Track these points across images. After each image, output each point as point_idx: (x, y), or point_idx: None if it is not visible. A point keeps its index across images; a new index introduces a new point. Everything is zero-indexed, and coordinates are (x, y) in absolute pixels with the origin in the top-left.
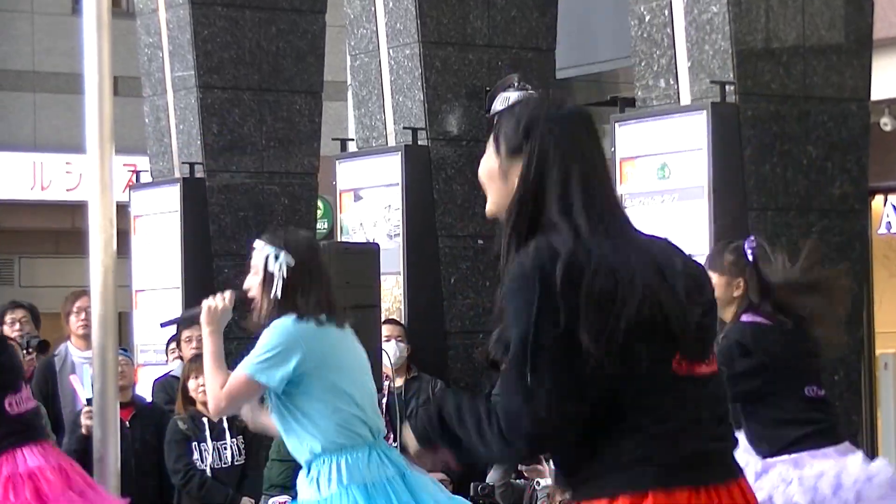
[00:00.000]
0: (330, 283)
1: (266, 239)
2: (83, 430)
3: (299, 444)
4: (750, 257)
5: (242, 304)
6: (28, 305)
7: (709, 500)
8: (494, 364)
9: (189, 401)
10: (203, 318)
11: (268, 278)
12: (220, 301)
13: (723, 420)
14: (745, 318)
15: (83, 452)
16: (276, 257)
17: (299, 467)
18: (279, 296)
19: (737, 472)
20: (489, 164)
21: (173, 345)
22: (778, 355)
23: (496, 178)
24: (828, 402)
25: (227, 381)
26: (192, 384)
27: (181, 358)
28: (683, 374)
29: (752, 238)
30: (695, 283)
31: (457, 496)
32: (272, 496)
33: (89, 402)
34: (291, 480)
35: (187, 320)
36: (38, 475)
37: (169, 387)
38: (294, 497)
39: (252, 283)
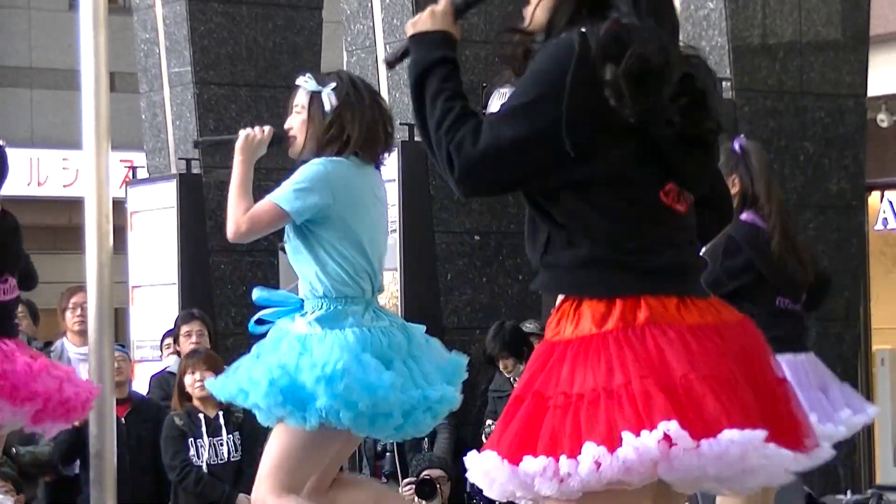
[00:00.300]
0: (374, 121)
1: (311, 77)
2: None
3: (303, 278)
4: (739, 151)
5: (280, 140)
6: (26, 301)
7: (694, 307)
8: (491, 360)
9: (185, 397)
10: (238, 144)
11: (311, 115)
12: (258, 132)
13: (693, 243)
14: (743, 216)
15: (74, 445)
16: (320, 94)
17: None
18: (321, 134)
19: (708, 292)
20: None
21: (168, 340)
22: (765, 258)
23: None
24: (797, 316)
25: (252, 207)
26: (188, 379)
27: (177, 353)
28: (667, 203)
29: (742, 136)
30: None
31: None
32: None
33: None
34: None
35: (222, 143)
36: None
37: (165, 383)
38: None
39: (294, 122)
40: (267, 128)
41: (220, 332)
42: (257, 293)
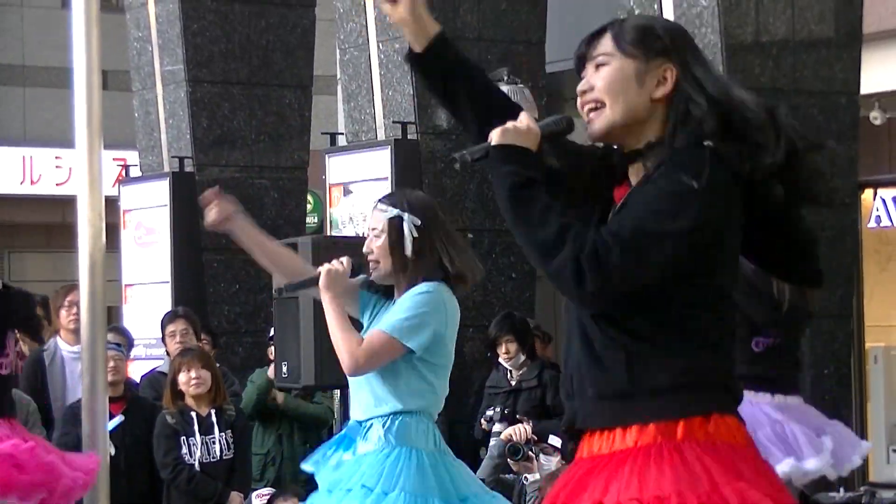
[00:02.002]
0: (458, 244)
1: (388, 201)
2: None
3: (388, 395)
4: None
5: (360, 268)
6: (41, 298)
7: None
8: (493, 345)
9: (177, 395)
10: (322, 283)
11: (394, 240)
12: (337, 265)
13: None
14: None
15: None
16: (402, 218)
17: (269, 461)
18: (409, 256)
19: None
20: (622, 72)
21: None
22: (758, 303)
23: (631, 84)
24: (780, 352)
25: (367, 339)
26: (182, 377)
27: (167, 353)
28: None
29: None
30: None
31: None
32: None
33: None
34: (258, 473)
35: (305, 285)
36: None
37: (156, 382)
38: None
39: (373, 246)
40: (345, 259)
41: (212, 330)
42: (312, 467)
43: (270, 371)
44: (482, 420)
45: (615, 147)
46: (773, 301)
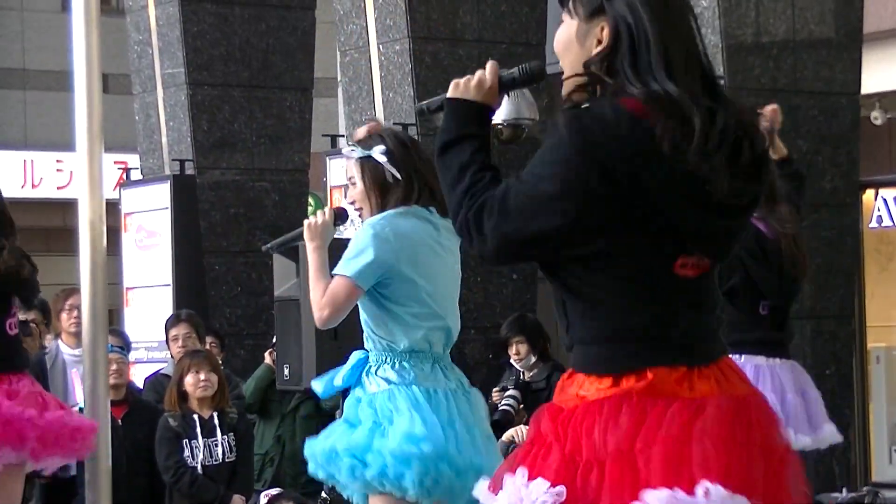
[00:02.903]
0: (430, 168)
1: (355, 145)
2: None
3: (367, 331)
4: None
5: (343, 215)
6: (39, 303)
7: (700, 377)
8: (504, 344)
9: (181, 397)
10: (305, 235)
11: (369, 180)
12: (319, 217)
13: (705, 305)
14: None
15: None
16: (369, 156)
17: (267, 461)
18: (380, 192)
19: (721, 350)
20: (566, 32)
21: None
22: (764, 267)
23: (573, 44)
24: (778, 320)
25: (328, 288)
26: (190, 379)
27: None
28: (681, 274)
29: None
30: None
31: None
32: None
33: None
34: (256, 473)
35: (289, 241)
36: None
37: (160, 385)
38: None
39: (354, 195)
40: (326, 209)
41: (218, 333)
42: (317, 385)
43: (268, 358)
44: (494, 392)
45: None
46: (780, 268)
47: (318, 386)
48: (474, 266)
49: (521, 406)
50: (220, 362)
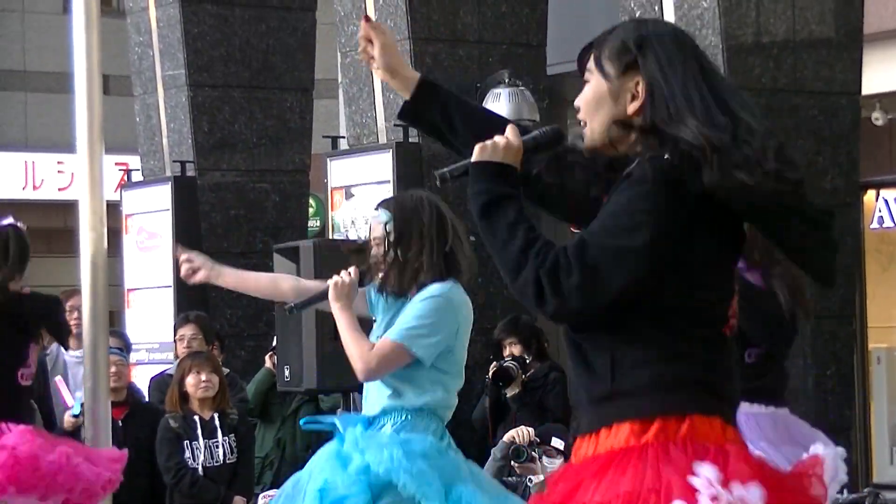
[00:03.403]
0: (461, 237)
1: (381, 206)
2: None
3: (400, 393)
4: None
5: (366, 275)
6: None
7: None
8: (498, 345)
9: (182, 398)
10: (330, 295)
11: (389, 245)
12: (344, 276)
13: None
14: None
15: None
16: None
17: (267, 464)
18: (398, 258)
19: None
20: (595, 91)
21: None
22: (756, 317)
23: (606, 102)
24: (769, 364)
25: (378, 345)
26: (191, 380)
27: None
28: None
29: None
30: None
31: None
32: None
33: (76, 416)
34: (256, 476)
35: (313, 301)
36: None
37: (164, 385)
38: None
39: (376, 254)
40: (352, 269)
41: (219, 334)
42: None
43: (268, 362)
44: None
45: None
46: (770, 317)
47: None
48: (476, 267)
49: (521, 373)
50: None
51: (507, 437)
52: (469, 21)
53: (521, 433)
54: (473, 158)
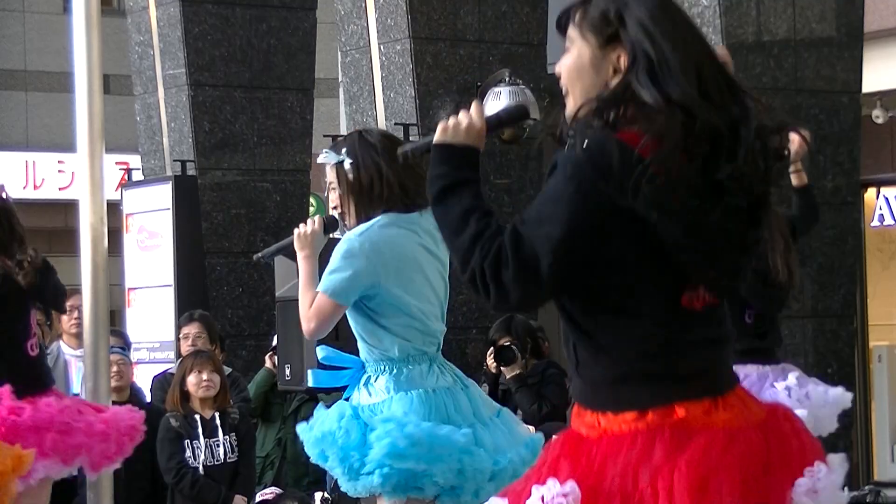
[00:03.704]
0: (400, 169)
1: (328, 150)
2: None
3: (361, 341)
4: None
5: (333, 223)
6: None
7: (725, 406)
8: (493, 344)
9: (184, 397)
10: (296, 244)
11: (345, 186)
12: (309, 225)
13: (716, 337)
14: None
15: None
16: (343, 163)
17: (268, 464)
18: (355, 200)
19: (736, 378)
20: (577, 59)
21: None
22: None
23: (587, 71)
24: (764, 325)
25: (315, 301)
26: (192, 378)
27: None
28: (690, 308)
29: None
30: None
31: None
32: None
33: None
34: (257, 476)
35: (279, 250)
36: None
37: (167, 384)
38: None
39: (334, 198)
40: (316, 218)
41: (219, 334)
42: (322, 352)
43: (268, 362)
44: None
45: None
46: (763, 276)
47: (322, 352)
48: None
49: (521, 357)
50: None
51: None
52: (469, 20)
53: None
54: (435, 139)
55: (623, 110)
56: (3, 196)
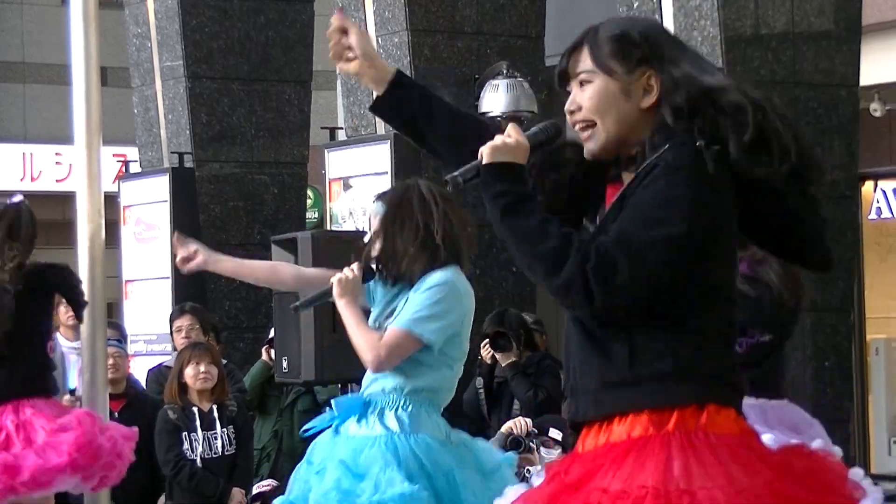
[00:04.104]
0: (462, 223)
1: (379, 199)
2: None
3: (407, 380)
4: None
5: (370, 271)
6: None
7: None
8: (486, 337)
9: (182, 389)
10: (335, 292)
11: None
12: (348, 272)
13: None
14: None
15: None
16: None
17: (265, 456)
18: (401, 248)
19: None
20: (606, 90)
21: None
22: (755, 307)
23: (618, 100)
24: (766, 351)
25: (386, 336)
26: (190, 371)
27: (174, 348)
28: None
29: None
30: None
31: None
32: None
33: (72, 391)
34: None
35: (318, 299)
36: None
37: (162, 377)
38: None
39: (375, 247)
40: (355, 265)
41: (216, 326)
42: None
43: (264, 354)
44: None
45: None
46: (763, 301)
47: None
48: (474, 259)
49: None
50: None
51: (504, 428)
52: (467, 13)
53: (518, 424)
54: (486, 160)
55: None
56: (22, 201)
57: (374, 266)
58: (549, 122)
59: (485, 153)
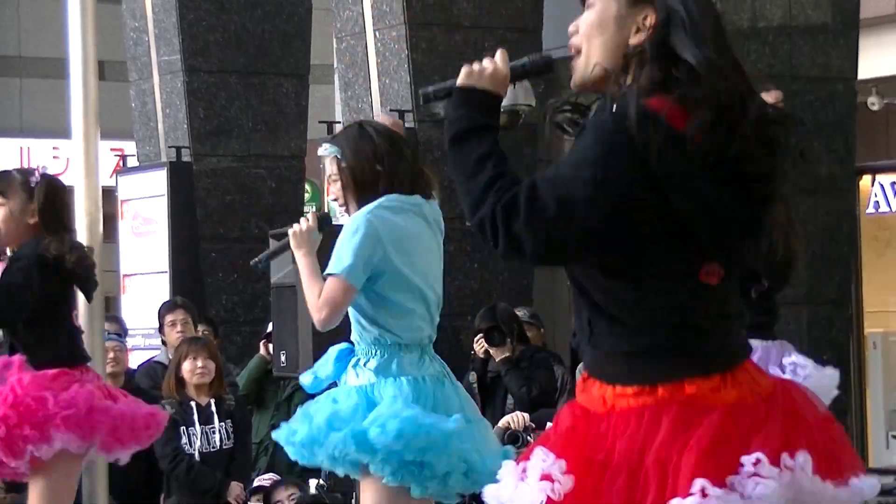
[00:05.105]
0: (410, 156)
1: (329, 144)
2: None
3: (355, 322)
4: None
5: (328, 219)
6: None
7: (734, 383)
8: (495, 339)
9: (179, 384)
10: (291, 243)
11: (344, 179)
12: (303, 223)
13: (726, 313)
14: None
15: None
16: (338, 155)
17: (262, 449)
18: (354, 192)
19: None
20: (601, 12)
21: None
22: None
23: (610, 26)
24: (767, 300)
25: (323, 290)
26: (188, 365)
27: (163, 343)
28: (707, 282)
29: None
30: None
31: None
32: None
33: None
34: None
35: (275, 253)
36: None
37: (153, 372)
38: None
39: (335, 191)
40: (310, 214)
41: (212, 319)
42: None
43: (262, 349)
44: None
45: None
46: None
47: (306, 380)
48: (471, 252)
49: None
50: None
51: (502, 423)
52: (465, 6)
53: (515, 419)
54: (459, 82)
55: (657, 70)
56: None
57: (327, 213)
58: (538, 53)
59: (462, 74)
